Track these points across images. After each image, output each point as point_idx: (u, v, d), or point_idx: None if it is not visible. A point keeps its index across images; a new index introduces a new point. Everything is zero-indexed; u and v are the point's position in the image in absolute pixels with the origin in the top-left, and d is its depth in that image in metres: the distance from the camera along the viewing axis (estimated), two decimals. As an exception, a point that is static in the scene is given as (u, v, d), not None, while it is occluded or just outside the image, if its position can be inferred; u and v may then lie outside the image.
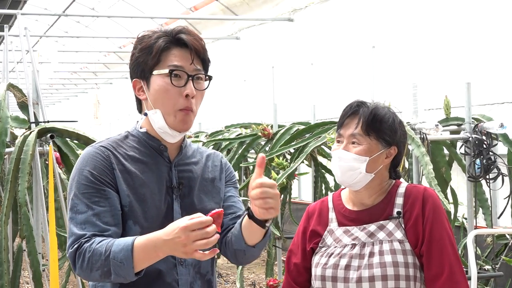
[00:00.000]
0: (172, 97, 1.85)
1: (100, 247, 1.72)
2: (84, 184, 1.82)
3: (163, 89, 1.85)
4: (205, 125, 8.91)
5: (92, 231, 1.77)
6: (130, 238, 1.72)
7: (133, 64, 1.90)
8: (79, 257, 1.75)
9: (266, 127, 5.23)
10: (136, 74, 1.90)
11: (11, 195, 3.82)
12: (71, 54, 16.31)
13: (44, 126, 4.07)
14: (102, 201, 1.81)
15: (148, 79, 1.88)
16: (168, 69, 1.84)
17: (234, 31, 10.59)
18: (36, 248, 3.83)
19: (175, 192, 1.91)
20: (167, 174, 1.92)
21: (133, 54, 1.91)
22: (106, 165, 1.84)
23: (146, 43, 1.87)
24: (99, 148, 1.88)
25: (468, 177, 4.03)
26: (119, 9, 12.56)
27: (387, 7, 7.14)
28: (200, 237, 1.61)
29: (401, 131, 2.13)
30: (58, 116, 18.59)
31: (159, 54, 1.85)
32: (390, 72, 6.64)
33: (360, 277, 2.02)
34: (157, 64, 1.86)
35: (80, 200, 1.81)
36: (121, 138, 1.95)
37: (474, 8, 5.95)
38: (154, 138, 1.93)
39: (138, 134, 1.94)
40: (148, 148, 1.92)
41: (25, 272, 5.66)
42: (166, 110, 1.87)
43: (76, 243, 1.76)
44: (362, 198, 2.14)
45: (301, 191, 8.47)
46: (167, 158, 1.93)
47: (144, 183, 1.87)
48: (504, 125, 3.85)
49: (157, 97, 1.87)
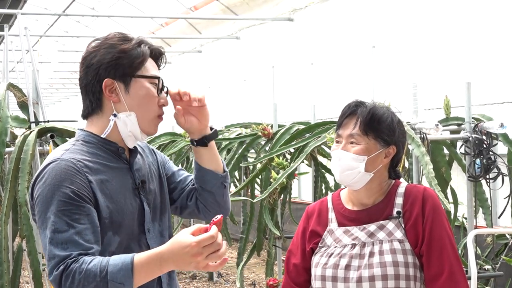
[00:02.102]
0: (154, 104, 1.87)
1: (93, 267, 1.64)
2: (63, 201, 1.71)
3: (148, 95, 1.85)
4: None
5: (76, 251, 1.67)
6: (127, 257, 1.66)
7: (108, 65, 1.83)
8: (67, 279, 1.65)
9: (266, 127, 5.24)
10: (112, 74, 1.83)
11: (11, 195, 3.82)
12: (71, 53, 16.28)
13: (44, 125, 4.08)
14: (82, 218, 1.72)
15: (127, 82, 1.84)
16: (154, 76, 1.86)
17: (234, 30, 10.58)
18: (36, 248, 3.82)
19: (141, 192, 1.90)
20: (129, 175, 1.90)
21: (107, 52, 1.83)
22: (82, 179, 1.76)
23: (130, 46, 1.85)
24: (70, 161, 1.77)
25: (468, 177, 4.03)
26: (119, 9, 12.55)
27: (387, 7, 7.14)
28: (212, 250, 1.61)
29: (399, 130, 2.13)
30: (58, 115, 18.58)
31: (145, 60, 1.86)
32: (390, 72, 6.63)
33: (360, 277, 2.02)
34: (139, 69, 1.85)
35: (59, 218, 1.70)
36: (79, 147, 1.85)
37: (474, 8, 5.94)
38: (111, 142, 1.88)
39: (92, 140, 1.87)
40: (107, 152, 1.87)
41: (25, 272, 5.66)
42: (144, 115, 1.86)
43: (61, 264, 1.66)
44: (361, 198, 2.14)
45: (301, 191, 8.47)
46: (125, 159, 1.91)
47: (116, 189, 1.83)
48: (504, 125, 3.85)
49: (138, 101, 1.85)
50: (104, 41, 1.87)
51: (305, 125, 4.97)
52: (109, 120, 1.86)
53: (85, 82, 1.87)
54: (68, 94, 24.03)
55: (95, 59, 1.84)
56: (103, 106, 1.87)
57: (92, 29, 14.96)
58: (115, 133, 1.87)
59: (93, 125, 1.89)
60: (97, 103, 1.87)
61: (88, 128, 1.90)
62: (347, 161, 2.07)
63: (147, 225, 1.90)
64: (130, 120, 1.85)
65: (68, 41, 16.64)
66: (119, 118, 1.85)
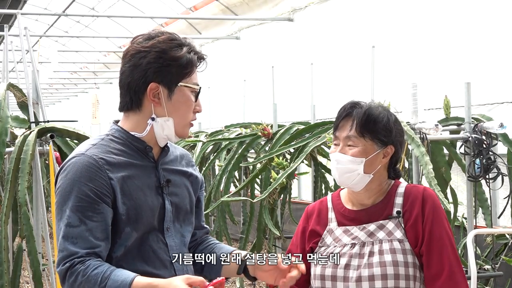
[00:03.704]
0: (190, 111, 1.91)
1: (95, 275, 1.73)
2: (80, 197, 1.79)
3: (189, 103, 1.90)
4: (205, 124, 8.91)
5: (84, 248, 1.76)
6: (128, 276, 1.73)
7: (158, 69, 1.85)
8: (71, 276, 1.75)
9: (266, 127, 5.24)
10: (159, 79, 1.86)
11: (11, 195, 3.82)
12: (71, 54, 16.31)
13: (44, 125, 4.07)
14: (95, 216, 1.79)
15: (171, 88, 1.87)
16: (198, 86, 1.90)
17: (234, 31, 10.58)
18: (36, 248, 3.83)
19: (164, 191, 1.93)
20: (154, 174, 1.93)
21: (159, 57, 1.85)
22: (102, 177, 1.81)
23: (182, 54, 1.87)
24: (93, 158, 1.82)
25: (468, 177, 4.03)
26: (119, 9, 12.55)
27: (387, 7, 7.14)
28: None
29: (396, 129, 2.12)
30: (58, 116, 18.59)
31: (193, 69, 1.90)
32: (390, 72, 6.63)
33: (360, 276, 2.02)
34: (186, 77, 1.88)
35: (73, 213, 1.78)
36: (106, 142, 1.90)
37: (474, 8, 5.94)
38: (139, 139, 1.91)
39: (122, 136, 1.92)
40: (133, 149, 1.91)
41: (25, 272, 5.67)
42: (181, 121, 1.90)
43: (68, 260, 1.76)
44: (361, 199, 2.14)
45: (301, 191, 8.47)
46: (152, 158, 1.94)
47: (137, 187, 1.87)
48: (504, 125, 3.84)
49: (178, 108, 1.89)
50: (155, 43, 1.87)
51: (305, 125, 4.96)
52: (145, 120, 1.90)
53: (129, 79, 1.88)
54: (68, 94, 24.03)
55: (144, 60, 1.86)
56: (143, 106, 1.90)
57: (92, 29, 14.96)
58: (148, 133, 1.91)
59: (128, 121, 1.93)
60: (137, 102, 1.90)
61: (122, 123, 1.95)
62: (346, 164, 2.07)
63: (167, 223, 1.93)
64: (168, 125, 1.89)
65: (68, 41, 16.65)
66: (157, 122, 1.89)
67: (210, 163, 6.07)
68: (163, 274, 1.87)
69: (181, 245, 1.97)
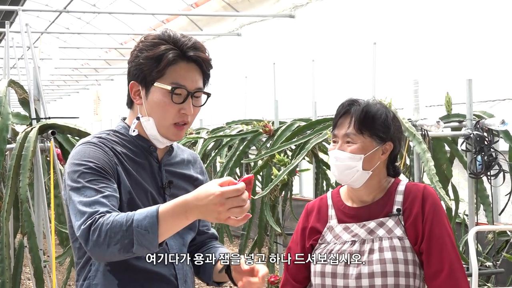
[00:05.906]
0: (168, 112, 1.85)
1: (119, 218, 1.64)
2: (90, 173, 1.76)
3: (162, 103, 1.84)
4: (206, 121, 8.91)
5: (103, 209, 1.69)
6: (153, 207, 1.65)
7: (135, 68, 1.86)
8: (94, 232, 1.65)
9: (267, 124, 5.24)
10: (136, 78, 1.86)
11: (13, 192, 3.82)
12: (72, 50, 16.30)
13: (45, 122, 4.08)
14: (109, 187, 1.75)
15: (148, 88, 1.85)
16: (170, 86, 1.82)
17: (235, 27, 10.58)
18: (38, 245, 3.83)
19: (166, 192, 1.92)
20: (157, 173, 1.92)
21: (136, 56, 1.85)
22: (109, 160, 1.81)
23: (153, 53, 1.82)
24: (98, 144, 1.83)
25: (469, 173, 4.03)
26: (120, 6, 12.56)
27: (388, 4, 7.13)
28: (235, 204, 1.58)
29: (395, 126, 2.12)
30: (59, 112, 18.58)
31: (165, 68, 1.82)
32: (391, 68, 6.62)
33: (360, 273, 2.02)
34: (161, 77, 1.83)
35: (86, 188, 1.73)
36: (111, 136, 1.90)
37: (475, 5, 5.94)
38: (144, 139, 1.92)
39: (127, 133, 1.92)
40: (138, 147, 1.91)
41: (27, 269, 5.68)
42: (161, 122, 1.86)
43: (89, 219, 1.67)
44: (361, 196, 2.14)
45: (302, 187, 8.47)
46: (155, 158, 1.93)
47: (139, 183, 1.86)
48: (505, 121, 3.84)
49: (154, 109, 1.85)
50: (139, 42, 1.88)
51: (306, 122, 4.97)
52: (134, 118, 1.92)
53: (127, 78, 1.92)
54: (69, 91, 24.05)
55: (130, 59, 1.89)
56: (133, 105, 1.93)
57: (93, 26, 14.97)
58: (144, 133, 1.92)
59: (128, 118, 1.96)
60: (129, 100, 1.93)
61: (127, 120, 1.97)
62: (345, 160, 2.07)
63: None
64: (149, 124, 1.88)
65: (69, 37, 16.65)
66: (142, 122, 1.89)
67: (211, 159, 6.08)
68: (163, 272, 1.87)
69: (181, 245, 1.96)
